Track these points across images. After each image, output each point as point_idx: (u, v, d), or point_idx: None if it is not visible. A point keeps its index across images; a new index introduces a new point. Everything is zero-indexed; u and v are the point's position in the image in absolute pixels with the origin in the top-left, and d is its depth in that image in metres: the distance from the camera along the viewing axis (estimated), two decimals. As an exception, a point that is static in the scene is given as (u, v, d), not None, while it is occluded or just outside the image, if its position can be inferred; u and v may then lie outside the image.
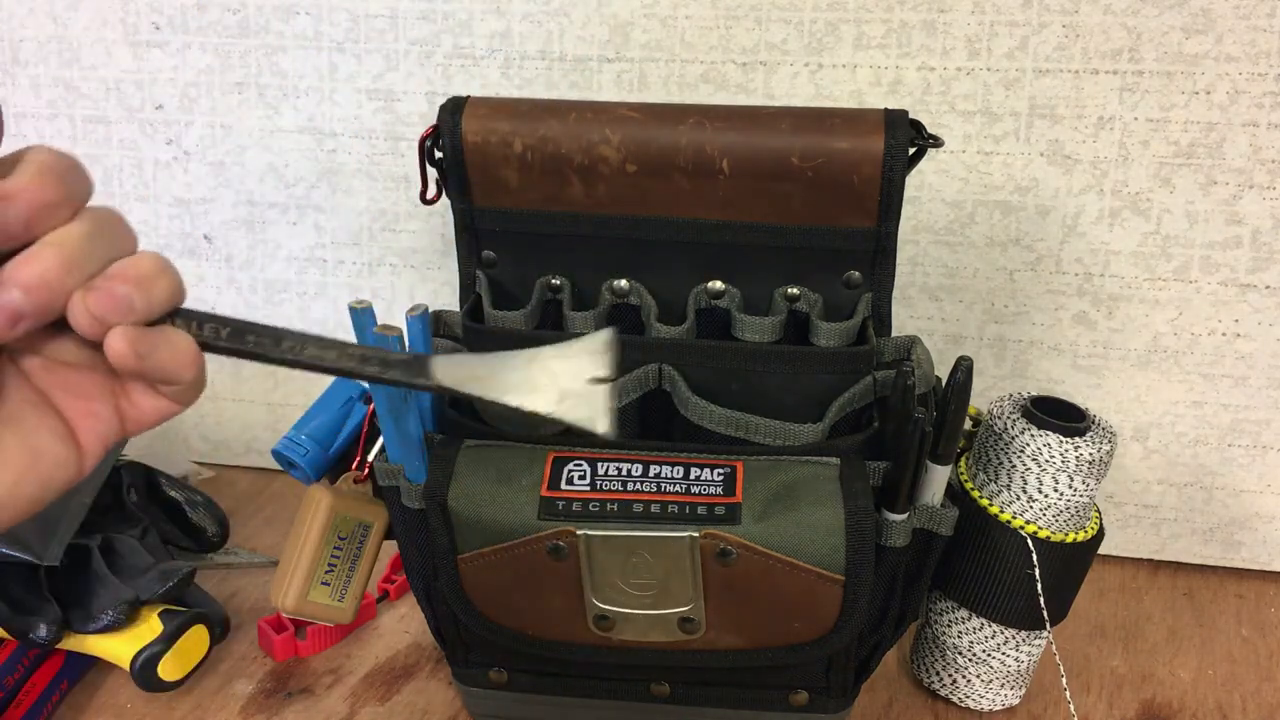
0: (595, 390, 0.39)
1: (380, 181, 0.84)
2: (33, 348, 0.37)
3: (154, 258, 0.37)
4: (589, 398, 0.39)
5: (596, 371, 0.39)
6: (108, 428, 0.38)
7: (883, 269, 0.59)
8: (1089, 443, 0.59)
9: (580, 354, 0.40)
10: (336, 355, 0.39)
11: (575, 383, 0.39)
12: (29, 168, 0.34)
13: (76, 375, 0.38)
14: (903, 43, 0.74)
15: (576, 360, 0.40)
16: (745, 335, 0.59)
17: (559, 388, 0.39)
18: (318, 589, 0.63)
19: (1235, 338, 0.76)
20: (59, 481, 0.38)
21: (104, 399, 0.38)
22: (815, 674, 0.61)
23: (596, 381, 0.39)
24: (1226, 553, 0.82)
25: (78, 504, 0.67)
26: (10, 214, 0.34)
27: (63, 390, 0.38)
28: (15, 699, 0.64)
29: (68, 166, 0.35)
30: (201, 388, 0.39)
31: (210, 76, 0.84)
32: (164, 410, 0.39)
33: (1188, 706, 0.69)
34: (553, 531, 0.53)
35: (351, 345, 0.40)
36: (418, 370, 0.39)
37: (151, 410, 0.39)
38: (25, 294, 0.34)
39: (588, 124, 0.57)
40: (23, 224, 0.34)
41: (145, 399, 0.39)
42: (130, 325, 0.36)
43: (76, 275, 0.35)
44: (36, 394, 0.38)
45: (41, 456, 0.37)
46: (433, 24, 0.79)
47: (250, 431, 0.94)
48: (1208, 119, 0.72)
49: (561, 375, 0.39)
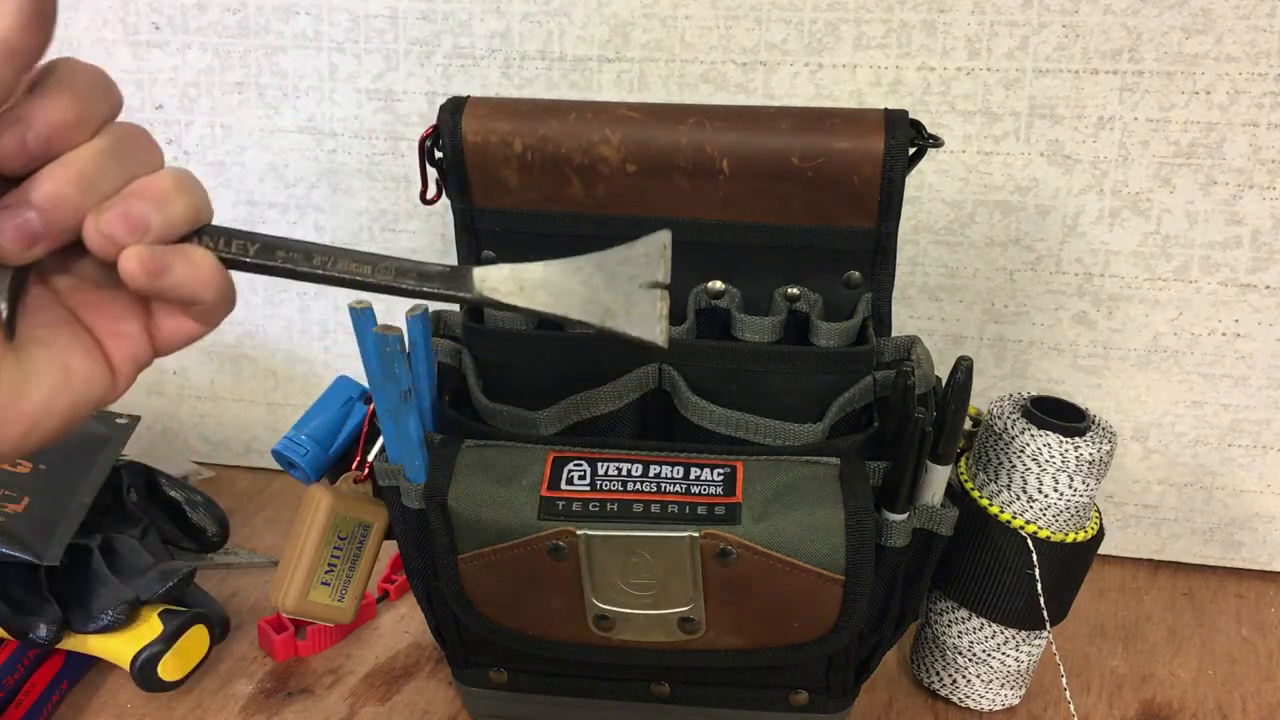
0: (647, 297, 0.36)
1: (380, 181, 0.84)
2: (59, 267, 0.38)
3: (175, 175, 0.37)
4: (640, 307, 0.35)
5: (651, 276, 0.37)
6: (138, 349, 0.39)
7: (883, 269, 0.59)
8: (1089, 443, 0.59)
9: (633, 258, 0.36)
10: (371, 269, 0.38)
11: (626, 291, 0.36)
12: (50, 88, 0.34)
13: (104, 295, 0.38)
14: (903, 43, 0.74)
15: (629, 266, 0.36)
16: (745, 335, 0.59)
17: (608, 298, 0.36)
18: (318, 589, 0.63)
19: (1235, 338, 0.76)
20: (91, 400, 0.38)
21: (132, 319, 0.39)
22: (815, 674, 0.61)
23: (651, 286, 0.37)
24: (1226, 553, 0.82)
25: (78, 504, 0.67)
26: (29, 136, 0.34)
27: (91, 310, 0.38)
28: (15, 699, 0.64)
29: (91, 83, 0.35)
30: (229, 307, 0.39)
31: (210, 76, 0.84)
32: (190, 332, 0.39)
33: (1188, 706, 0.69)
34: (553, 531, 0.53)
35: (387, 258, 0.38)
36: (459, 282, 0.37)
37: (178, 332, 0.39)
38: (39, 214, 0.34)
39: (588, 124, 0.57)
40: (42, 144, 0.34)
41: (170, 320, 0.39)
42: (144, 245, 0.35)
43: (92, 194, 0.35)
44: (66, 313, 0.38)
45: (72, 374, 0.37)
46: (433, 24, 0.79)
47: (250, 431, 0.94)
48: (1208, 119, 0.72)
49: (612, 283, 0.36)
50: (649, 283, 0.36)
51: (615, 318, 0.36)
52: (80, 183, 0.35)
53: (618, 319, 0.35)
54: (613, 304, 0.36)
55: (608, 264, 0.37)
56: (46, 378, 0.37)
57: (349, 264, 0.38)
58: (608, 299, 0.36)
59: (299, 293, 0.88)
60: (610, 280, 0.36)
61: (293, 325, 0.89)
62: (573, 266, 0.36)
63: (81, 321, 0.38)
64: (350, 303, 0.53)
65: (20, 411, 0.36)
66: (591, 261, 0.36)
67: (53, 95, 0.34)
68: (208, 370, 0.92)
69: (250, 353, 0.90)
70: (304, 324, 0.89)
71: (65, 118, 0.34)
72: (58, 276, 0.38)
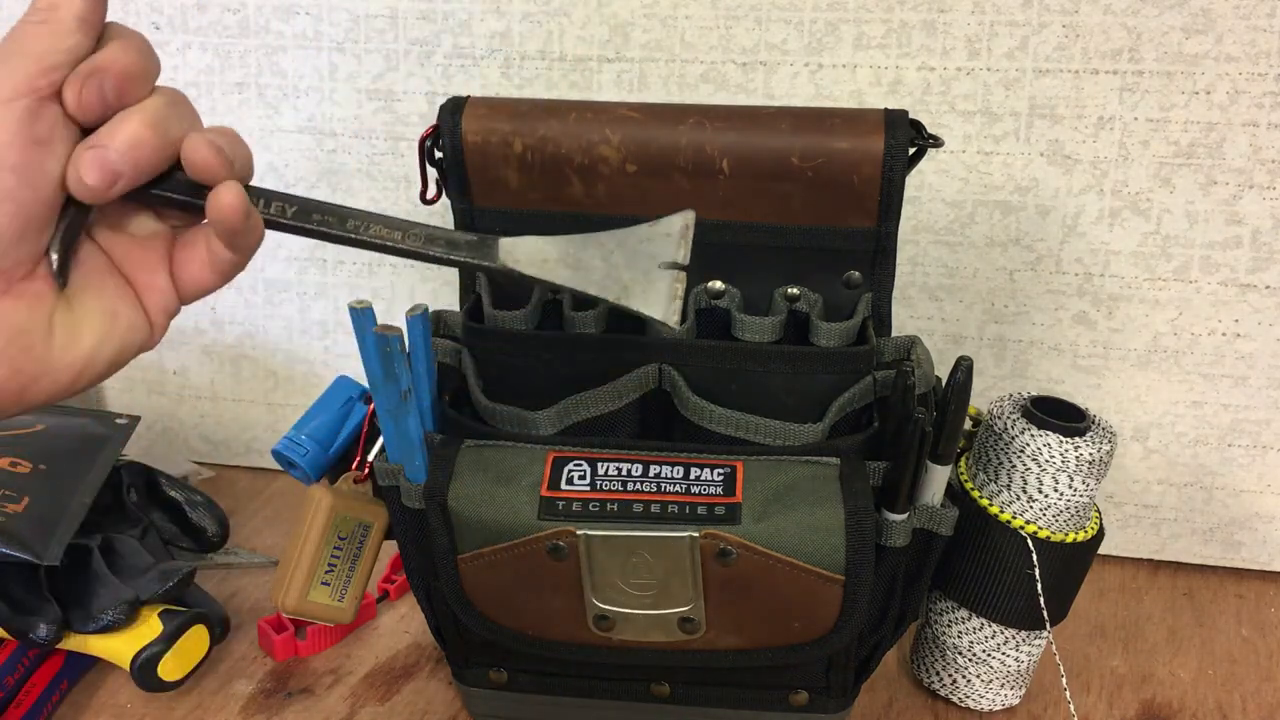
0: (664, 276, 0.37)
1: (380, 181, 0.84)
2: (108, 220, 0.42)
3: (231, 129, 0.42)
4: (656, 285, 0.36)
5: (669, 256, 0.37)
6: (168, 299, 0.43)
7: (883, 269, 0.59)
8: (1089, 443, 0.59)
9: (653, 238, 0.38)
10: (401, 235, 0.39)
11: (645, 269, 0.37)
12: (112, 45, 0.39)
13: (141, 249, 0.43)
14: (903, 43, 0.74)
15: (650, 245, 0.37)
16: (745, 335, 0.59)
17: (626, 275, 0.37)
18: (318, 589, 0.63)
19: (1235, 338, 0.76)
20: (133, 346, 0.43)
21: (163, 271, 0.43)
22: (815, 674, 0.61)
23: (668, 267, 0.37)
24: (1226, 553, 0.82)
25: (78, 504, 0.67)
26: (106, 85, 0.38)
27: (131, 262, 0.43)
28: (15, 699, 0.64)
29: (142, 41, 0.40)
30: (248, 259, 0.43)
31: (210, 76, 0.84)
32: (207, 284, 0.43)
33: (1188, 706, 0.69)
34: (553, 531, 0.53)
35: (417, 225, 0.39)
36: (485, 252, 0.38)
37: (198, 284, 0.43)
38: (119, 154, 0.38)
39: (588, 124, 0.57)
40: (116, 93, 0.39)
41: (194, 271, 0.43)
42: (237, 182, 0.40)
43: (165, 137, 0.39)
44: (109, 264, 0.42)
45: (118, 319, 0.42)
46: (433, 24, 0.79)
47: (250, 431, 0.94)
48: (1208, 119, 0.72)
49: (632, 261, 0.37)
50: (668, 263, 0.37)
51: (631, 295, 0.37)
52: (155, 126, 0.39)
53: (633, 297, 0.37)
54: (630, 282, 0.37)
55: (629, 241, 0.38)
56: (96, 324, 0.41)
57: (380, 229, 0.40)
58: (626, 276, 0.37)
59: (299, 293, 0.88)
60: (631, 258, 0.37)
61: (293, 325, 0.89)
62: (596, 242, 0.37)
63: (122, 272, 0.43)
64: (350, 303, 0.53)
65: (73, 356, 0.40)
66: (614, 238, 0.37)
67: (119, 49, 0.39)
68: (208, 370, 0.92)
69: (250, 353, 0.90)
70: (304, 324, 0.89)
71: (131, 67, 0.39)
72: (101, 231, 0.42)
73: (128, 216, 0.43)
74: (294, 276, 0.88)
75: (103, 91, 0.38)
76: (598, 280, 0.37)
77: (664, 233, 0.38)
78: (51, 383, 0.40)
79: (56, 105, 0.38)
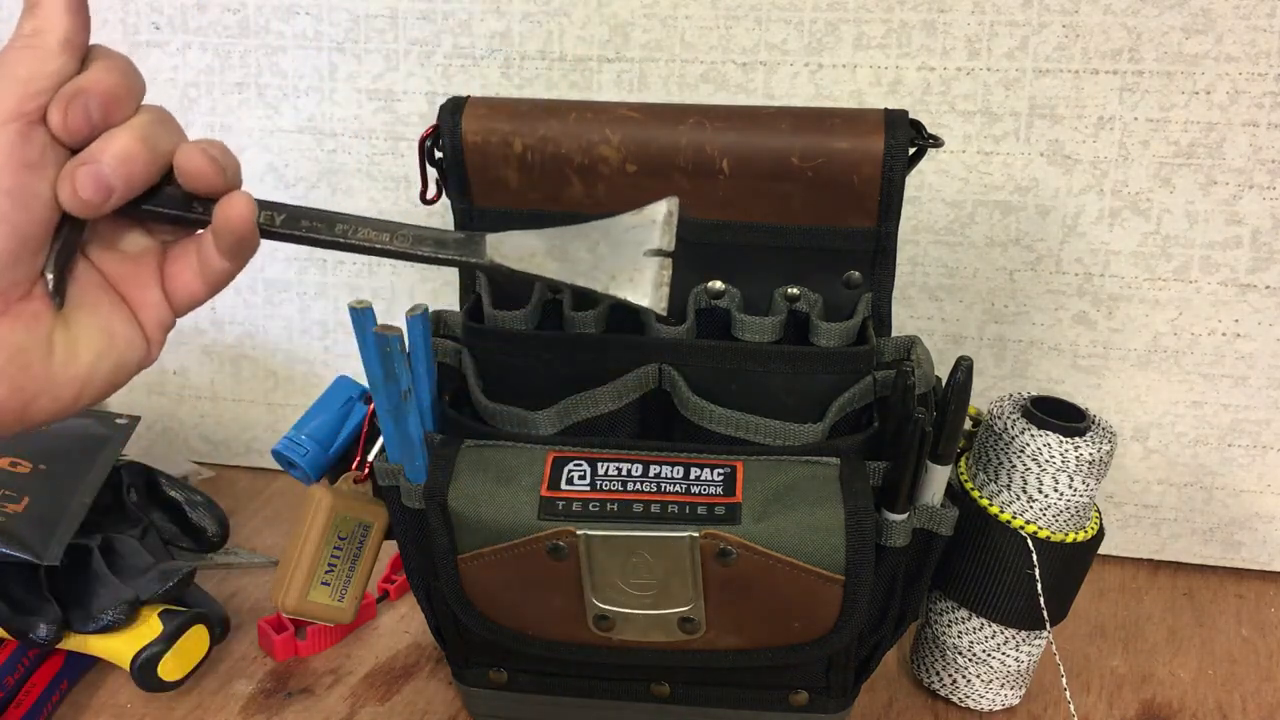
0: (649, 263, 0.38)
1: (380, 181, 0.84)
2: (102, 238, 0.43)
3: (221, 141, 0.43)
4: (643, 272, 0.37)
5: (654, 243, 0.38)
6: (162, 313, 0.44)
7: (883, 269, 0.59)
8: (1089, 443, 0.59)
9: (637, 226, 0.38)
10: (390, 237, 0.40)
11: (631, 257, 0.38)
12: (95, 66, 0.40)
13: (134, 265, 0.43)
14: (903, 43, 0.74)
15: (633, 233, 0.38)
16: (745, 335, 0.59)
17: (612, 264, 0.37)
18: (318, 589, 0.63)
19: (1235, 338, 0.76)
20: (132, 363, 0.43)
21: (156, 286, 0.44)
22: (815, 674, 0.61)
23: (653, 254, 0.38)
24: (1226, 553, 0.82)
25: (78, 504, 0.67)
26: (92, 105, 0.39)
27: (125, 278, 0.43)
28: (15, 699, 0.64)
29: (125, 62, 0.41)
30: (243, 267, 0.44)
31: (210, 76, 0.84)
32: (198, 295, 0.44)
33: (1188, 706, 0.69)
34: (553, 531, 0.53)
35: (405, 226, 0.40)
36: (472, 249, 0.39)
37: (189, 295, 0.44)
38: (112, 167, 0.39)
39: (588, 124, 0.57)
40: (101, 113, 0.39)
41: (186, 282, 0.44)
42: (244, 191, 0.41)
43: (154, 152, 0.40)
44: (103, 281, 0.43)
45: (115, 337, 0.42)
46: (433, 24, 0.79)
47: (250, 431, 0.94)
48: (1208, 119, 0.72)
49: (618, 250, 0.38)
50: (653, 250, 0.38)
51: (618, 284, 0.37)
52: (145, 141, 0.40)
53: (620, 285, 0.37)
54: (617, 270, 0.38)
55: (614, 231, 0.38)
56: (93, 342, 0.42)
57: (369, 232, 0.40)
58: (612, 265, 0.38)
59: (299, 293, 0.88)
60: (616, 247, 0.38)
61: (293, 325, 0.89)
62: (581, 233, 0.38)
63: (117, 290, 0.43)
64: (350, 303, 0.53)
65: (72, 374, 0.41)
66: (599, 229, 0.38)
67: (103, 70, 0.40)
68: (208, 370, 0.92)
69: (250, 353, 0.90)
70: (304, 324, 0.89)
71: (116, 88, 0.39)
72: (95, 249, 0.43)
73: (119, 234, 0.43)
74: (294, 276, 0.88)
75: (88, 112, 0.39)
76: (585, 271, 0.38)
77: (648, 220, 0.38)
78: (52, 400, 0.41)
79: (45, 128, 0.39)
